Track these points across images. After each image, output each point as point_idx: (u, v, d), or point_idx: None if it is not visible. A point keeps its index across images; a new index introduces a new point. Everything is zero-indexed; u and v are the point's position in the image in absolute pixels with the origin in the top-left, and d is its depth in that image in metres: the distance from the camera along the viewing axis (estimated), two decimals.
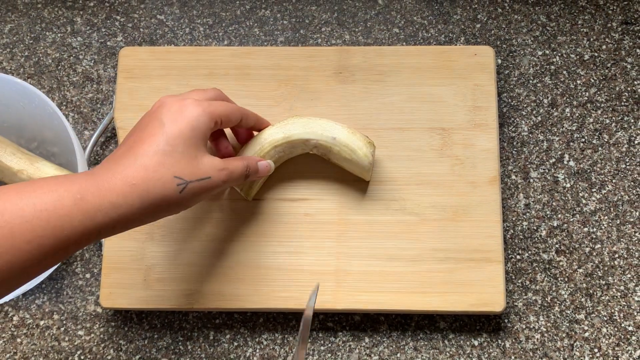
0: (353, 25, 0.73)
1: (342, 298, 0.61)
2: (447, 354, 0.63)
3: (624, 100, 0.69)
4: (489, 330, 0.64)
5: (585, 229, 0.66)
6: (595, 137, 0.68)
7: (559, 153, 0.68)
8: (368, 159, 0.60)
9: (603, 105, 0.69)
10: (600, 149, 0.68)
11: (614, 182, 0.67)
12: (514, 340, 0.63)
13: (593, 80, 0.70)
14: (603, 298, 0.64)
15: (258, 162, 0.58)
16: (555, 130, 0.68)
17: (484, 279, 0.61)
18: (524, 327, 0.64)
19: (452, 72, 0.66)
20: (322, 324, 0.65)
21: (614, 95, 0.69)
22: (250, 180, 0.61)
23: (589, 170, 0.67)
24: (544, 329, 0.64)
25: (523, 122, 0.69)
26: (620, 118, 0.69)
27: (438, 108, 0.66)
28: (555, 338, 0.63)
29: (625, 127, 0.68)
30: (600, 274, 0.65)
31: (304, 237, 0.63)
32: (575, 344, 0.63)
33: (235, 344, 0.64)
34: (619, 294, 0.64)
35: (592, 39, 0.71)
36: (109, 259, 0.63)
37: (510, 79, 0.70)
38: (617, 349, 0.63)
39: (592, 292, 0.64)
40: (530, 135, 0.68)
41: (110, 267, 0.63)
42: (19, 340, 0.65)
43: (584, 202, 0.67)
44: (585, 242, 0.66)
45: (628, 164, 0.67)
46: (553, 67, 0.70)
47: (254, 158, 0.58)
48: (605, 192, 0.67)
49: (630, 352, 0.63)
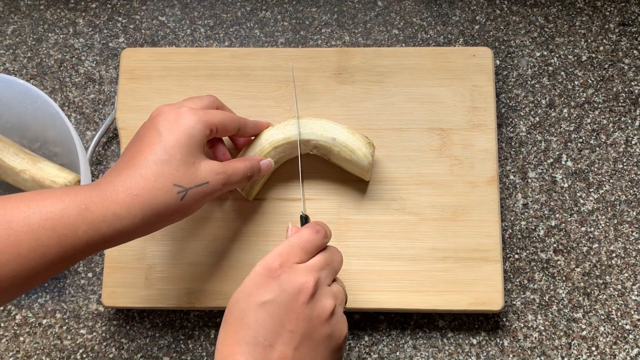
0: (353, 27, 0.73)
1: None
2: (446, 353, 0.64)
3: (621, 101, 0.69)
4: (488, 329, 0.64)
5: (583, 229, 0.66)
6: (593, 137, 0.69)
7: (557, 153, 0.68)
8: (368, 160, 0.60)
9: (600, 106, 0.69)
10: (598, 149, 0.68)
11: (611, 182, 0.67)
12: (512, 339, 0.64)
13: (591, 81, 0.70)
14: (600, 297, 0.64)
15: (260, 161, 0.58)
16: (553, 131, 0.69)
17: (483, 278, 0.62)
18: (522, 325, 0.64)
19: (450, 73, 0.67)
20: None
21: (612, 96, 0.70)
22: (253, 181, 0.61)
23: (587, 170, 0.68)
24: (542, 328, 0.64)
25: (521, 122, 0.69)
26: (618, 119, 0.69)
27: (437, 109, 0.66)
28: (553, 337, 0.64)
29: (623, 127, 0.69)
30: (598, 273, 0.65)
31: None
32: (573, 343, 0.63)
33: None
34: (617, 293, 0.65)
35: (589, 40, 0.71)
36: (111, 258, 0.64)
37: (509, 80, 0.70)
38: (614, 348, 0.63)
39: (589, 291, 0.65)
40: (529, 136, 0.69)
41: (112, 266, 0.64)
42: (22, 339, 0.66)
43: (582, 201, 0.67)
44: (583, 241, 0.66)
45: (625, 164, 0.68)
46: (551, 68, 0.71)
47: (256, 158, 0.59)
48: (603, 192, 0.67)
49: (628, 350, 0.63)
